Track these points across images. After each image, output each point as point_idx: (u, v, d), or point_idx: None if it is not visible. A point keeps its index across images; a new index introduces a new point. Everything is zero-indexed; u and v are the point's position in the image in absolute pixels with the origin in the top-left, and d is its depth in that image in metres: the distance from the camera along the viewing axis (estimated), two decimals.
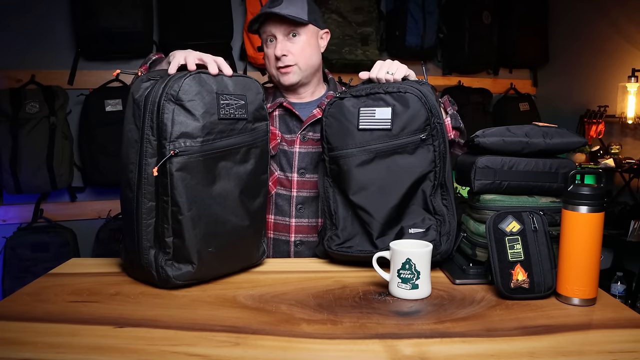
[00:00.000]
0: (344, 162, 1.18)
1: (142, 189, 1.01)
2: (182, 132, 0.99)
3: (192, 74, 1.02)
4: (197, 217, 1.02)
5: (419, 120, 1.13)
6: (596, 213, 0.94)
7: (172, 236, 1.02)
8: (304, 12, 1.35)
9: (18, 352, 0.79)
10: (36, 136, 2.55)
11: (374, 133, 1.15)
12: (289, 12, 1.32)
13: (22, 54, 2.71)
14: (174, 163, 0.99)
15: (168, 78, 1.01)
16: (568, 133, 1.13)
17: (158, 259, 1.02)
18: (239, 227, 1.10)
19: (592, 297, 0.96)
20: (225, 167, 1.06)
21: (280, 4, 1.32)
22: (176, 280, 1.03)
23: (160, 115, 0.99)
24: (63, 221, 2.79)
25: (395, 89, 1.15)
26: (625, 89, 2.80)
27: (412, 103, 1.13)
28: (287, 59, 1.36)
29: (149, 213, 1.02)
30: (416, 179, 1.14)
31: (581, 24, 3.25)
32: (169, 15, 2.78)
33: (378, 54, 3.11)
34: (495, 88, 3.54)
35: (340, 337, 0.84)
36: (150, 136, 1.00)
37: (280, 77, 1.39)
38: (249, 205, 1.12)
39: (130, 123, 1.03)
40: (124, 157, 1.04)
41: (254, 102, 1.11)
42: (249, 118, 1.10)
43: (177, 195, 0.99)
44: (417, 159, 1.14)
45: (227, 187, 1.06)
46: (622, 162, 2.73)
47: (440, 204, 1.15)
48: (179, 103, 0.99)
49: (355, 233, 1.18)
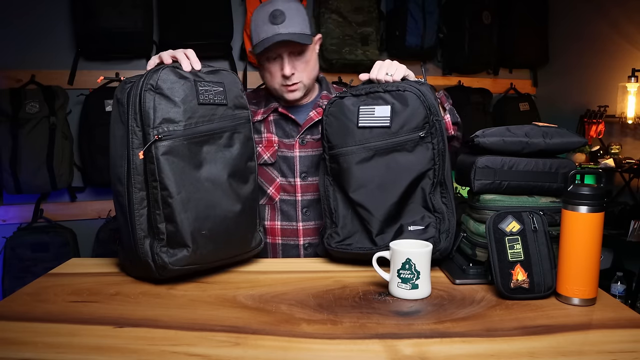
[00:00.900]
0: (343, 159, 1.18)
1: (131, 179, 1.04)
2: (164, 117, 1.03)
3: (168, 66, 1.08)
4: (186, 200, 1.04)
5: (417, 118, 1.14)
6: (596, 213, 0.94)
7: (165, 222, 1.04)
8: (306, 27, 1.32)
9: (18, 352, 0.79)
10: (36, 136, 2.54)
11: (373, 131, 1.16)
12: (294, 30, 1.29)
13: (22, 54, 2.70)
14: (159, 147, 1.02)
15: (146, 73, 1.07)
16: (568, 133, 1.13)
17: (154, 247, 1.04)
18: (231, 212, 1.11)
19: (592, 297, 0.96)
20: (210, 152, 1.09)
21: (284, 21, 1.29)
22: (173, 266, 1.04)
23: (142, 104, 1.03)
24: (63, 221, 2.78)
25: (395, 87, 1.17)
26: (625, 89, 2.80)
27: (411, 101, 1.14)
28: (295, 77, 1.34)
29: (141, 202, 1.05)
30: (415, 176, 1.15)
31: (581, 24, 3.25)
32: (169, 15, 2.78)
33: (378, 54, 3.10)
34: (495, 88, 3.54)
35: (340, 337, 0.84)
36: (135, 127, 1.04)
37: (285, 94, 1.37)
38: (238, 190, 1.14)
39: (117, 122, 1.08)
40: (113, 156, 1.08)
41: (232, 90, 1.15)
42: (229, 104, 1.14)
43: (165, 178, 1.02)
44: (416, 156, 1.15)
45: (214, 170, 1.09)
46: (622, 162, 2.73)
47: (439, 202, 1.15)
48: (159, 91, 1.04)
49: (354, 231, 1.18)
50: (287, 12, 1.29)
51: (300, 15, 1.32)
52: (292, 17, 1.30)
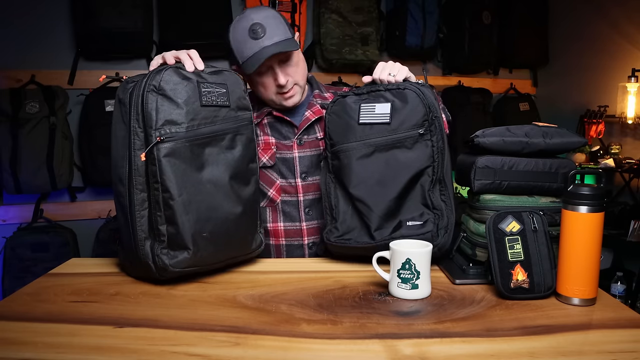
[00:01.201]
0: (344, 155, 1.20)
1: (133, 181, 1.04)
2: (166, 119, 1.03)
3: (171, 67, 1.07)
4: (188, 202, 1.04)
5: (417, 115, 1.16)
6: (596, 213, 0.94)
7: (166, 223, 1.03)
8: (287, 32, 1.29)
9: (18, 352, 0.79)
10: (36, 136, 2.55)
11: (373, 127, 1.18)
12: (279, 39, 1.26)
13: (22, 54, 2.70)
14: (161, 149, 1.02)
15: (149, 73, 1.06)
16: (568, 133, 1.13)
17: (154, 249, 1.04)
18: (232, 214, 1.11)
19: (592, 297, 0.96)
20: (212, 153, 1.09)
21: (265, 33, 1.25)
22: (173, 268, 1.03)
23: (144, 105, 1.02)
24: (63, 221, 2.79)
25: (395, 86, 1.20)
26: (625, 89, 2.80)
27: (411, 99, 1.16)
28: (289, 83, 1.33)
29: (142, 204, 1.04)
30: (415, 173, 1.16)
31: (581, 24, 3.25)
32: (169, 15, 2.78)
33: (378, 54, 3.11)
34: (495, 88, 3.54)
35: (340, 337, 0.84)
36: (137, 128, 1.03)
37: (284, 101, 1.36)
38: (240, 192, 1.14)
39: (118, 122, 1.07)
40: (114, 156, 1.08)
41: (235, 92, 1.15)
42: (231, 106, 1.13)
43: (167, 180, 1.02)
44: (415, 153, 1.16)
45: (216, 172, 1.09)
46: (622, 162, 2.73)
47: (438, 199, 1.16)
48: (162, 93, 1.03)
49: (354, 226, 1.19)
50: (264, 22, 1.26)
51: (278, 23, 1.29)
52: (272, 27, 1.27)
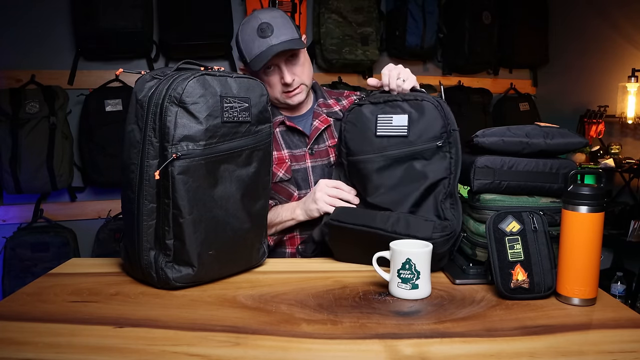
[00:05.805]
0: (363, 166, 1.21)
1: (143, 191, 1.00)
2: (184, 135, 0.98)
3: (196, 76, 1.00)
4: (198, 221, 1.01)
5: (435, 128, 1.15)
6: (596, 213, 0.94)
7: (173, 239, 1.01)
8: (295, 32, 1.32)
9: (18, 352, 0.79)
10: (36, 136, 2.55)
11: (391, 139, 1.18)
12: (286, 38, 1.29)
13: (22, 54, 2.70)
14: (176, 166, 0.98)
15: (172, 79, 1.00)
16: (569, 133, 1.13)
17: (158, 261, 1.02)
18: (240, 230, 1.09)
19: (592, 297, 0.96)
20: (227, 170, 1.05)
21: (273, 32, 1.29)
22: (176, 282, 1.03)
23: (163, 117, 0.98)
24: (63, 221, 2.79)
25: (412, 97, 1.18)
26: (625, 89, 2.80)
27: (428, 111, 1.16)
28: (295, 82, 1.35)
29: (150, 215, 1.02)
30: (431, 183, 1.16)
31: (581, 24, 3.25)
32: (169, 15, 2.78)
33: (378, 54, 3.10)
34: (495, 88, 3.54)
35: (340, 337, 0.84)
36: (153, 138, 0.99)
37: (289, 99, 1.38)
38: (250, 208, 1.12)
39: (133, 123, 1.02)
40: (126, 157, 1.03)
41: (257, 105, 1.10)
42: (252, 121, 1.09)
43: (179, 198, 0.99)
44: (433, 164, 1.16)
45: (228, 190, 1.06)
46: (622, 162, 2.73)
47: (449, 211, 1.15)
48: (182, 105, 0.98)
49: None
50: (272, 22, 1.30)
51: (286, 22, 1.32)
52: (279, 26, 1.30)
